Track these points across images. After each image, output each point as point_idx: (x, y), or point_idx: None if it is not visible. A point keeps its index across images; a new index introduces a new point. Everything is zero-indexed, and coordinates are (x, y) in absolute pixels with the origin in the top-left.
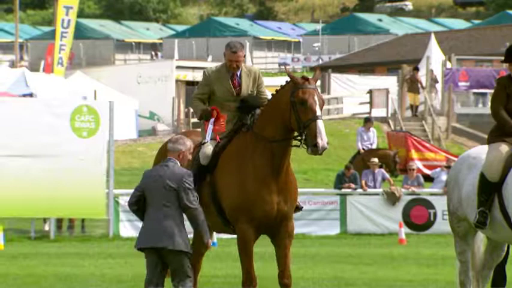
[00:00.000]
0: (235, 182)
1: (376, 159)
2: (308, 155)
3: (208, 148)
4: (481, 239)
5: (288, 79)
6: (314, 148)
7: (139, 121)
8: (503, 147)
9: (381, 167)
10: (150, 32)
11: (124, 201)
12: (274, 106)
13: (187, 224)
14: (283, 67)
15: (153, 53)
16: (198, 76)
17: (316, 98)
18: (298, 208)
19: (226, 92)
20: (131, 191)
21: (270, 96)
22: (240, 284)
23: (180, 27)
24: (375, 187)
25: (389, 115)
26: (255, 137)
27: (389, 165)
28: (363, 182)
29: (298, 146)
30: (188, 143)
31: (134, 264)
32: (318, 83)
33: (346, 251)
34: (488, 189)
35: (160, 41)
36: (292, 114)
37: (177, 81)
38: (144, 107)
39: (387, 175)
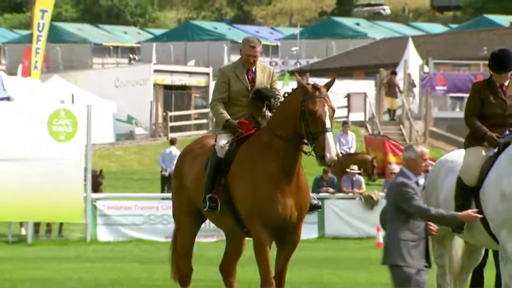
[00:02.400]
0: (249, 184)
1: (355, 167)
2: None
3: (224, 142)
4: (458, 243)
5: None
6: (322, 160)
7: (117, 125)
8: (480, 152)
9: (359, 172)
10: (128, 36)
11: (101, 205)
12: (285, 110)
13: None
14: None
15: (131, 56)
16: (176, 80)
17: (326, 108)
18: (316, 206)
19: (242, 86)
20: (109, 194)
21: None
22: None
23: (158, 31)
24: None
25: (367, 119)
26: (270, 132)
27: (368, 169)
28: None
29: (307, 154)
30: (418, 150)
31: (111, 268)
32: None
33: (324, 255)
34: (466, 193)
35: (138, 45)
36: (302, 123)
37: (155, 85)
38: (122, 111)
39: (363, 184)
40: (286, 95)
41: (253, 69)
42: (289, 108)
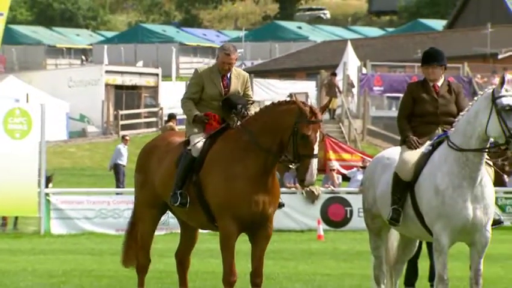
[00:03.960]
0: (222, 180)
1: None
2: None
3: (199, 142)
4: (394, 235)
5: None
6: (301, 182)
7: (70, 123)
8: (416, 149)
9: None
10: (80, 38)
11: (55, 199)
12: (274, 122)
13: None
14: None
15: (83, 57)
16: (126, 80)
17: (318, 135)
18: (280, 205)
19: (216, 91)
20: (62, 190)
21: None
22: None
23: (109, 34)
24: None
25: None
26: (246, 143)
27: None
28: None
29: (289, 164)
30: None
31: (64, 260)
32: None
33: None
34: (402, 188)
35: (90, 47)
36: (291, 141)
37: (106, 85)
38: (74, 110)
39: None
40: (276, 103)
41: (228, 76)
42: (281, 123)
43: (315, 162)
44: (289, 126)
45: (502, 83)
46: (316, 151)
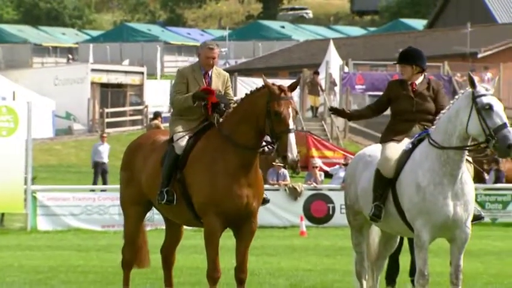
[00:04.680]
0: (205, 177)
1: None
2: None
3: (183, 139)
4: (375, 232)
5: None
6: (284, 160)
7: (56, 121)
8: (397, 146)
9: (284, 166)
10: (66, 37)
11: (41, 196)
12: (249, 109)
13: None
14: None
15: (69, 56)
16: (112, 78)
17: (290, 110)
18: (265, 200)
19: (199, 89)
20: (49, 186)
21: (236, 98)
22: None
23: (95, 33)
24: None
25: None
26: (225, 139)
27: None
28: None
29: (270, 154)
30: None
31: (51, 256)
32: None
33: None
34: (383, 184)
35: (76, 46)
36: (267, 123)
37: (92, 83)
38: (60, 108)
39: (288, 177)
40: (249, 93)
41: (210, 74)
42: (255, 109)
43: (292, 137)
44: (263, 108)
45: (472, 82)
46: (291, 126)
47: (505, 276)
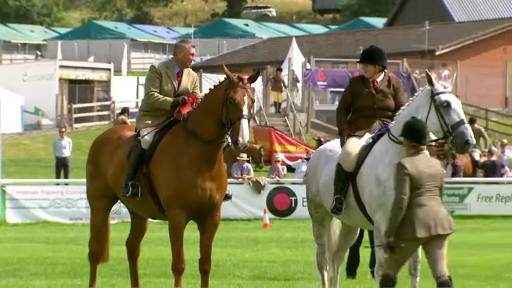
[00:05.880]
0: (170, 171)
1: (244, 155)
2: None
3: (149, 134)
4: (336, 224)
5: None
6: (235, 145)
7: (25, 116)
8: (357, 141)
9: (248, 160)
10: (34, 34)
11: (10, 190)
12: (211, 100)
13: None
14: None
15: (37, 53)
16: (80, 75)
17: (245, 98)
18: (228, 196)
19: (171, 87)
20: (18, 180)
21: (201, 95)
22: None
23: (63, 30)
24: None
25: (255, 111)
26: (189, 134)
27: (256, 157)
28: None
29: (228, 145)
30: None
31: (20, 248)
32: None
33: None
34: (344, 178)
35: (45, 43)
36: (223, 110)
37: (60, 79)
38: (29, 103)
39: (252, 171)
40: (212, 87)
41: (181, 73)
42: (215, 99)
43: (245, 124)
44: (221, 96)
45: (430, 80)
46: (245, 112)
47: (461, 266)
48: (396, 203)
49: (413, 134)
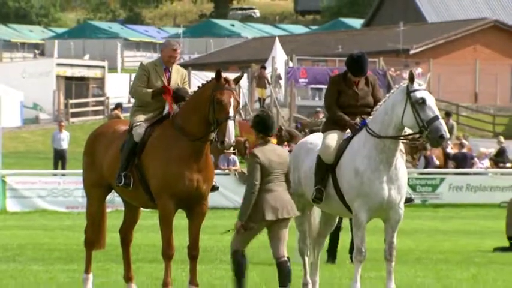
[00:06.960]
0: (160, 163)
1: (231, 148)
2: None
3: (141, 128)
4: (317, 212)
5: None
6: (221, 144)
7: (24, 111)
8: (337, 135)
9: (234, 152)
10: (33, 34)
11: (10, 180)
12: (198, 99)
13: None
14: None
15: (36, 51)
16: (76, 72)
17: (232, 99)
18: (215, 188)
19: (160, 83)
20: (17, 171)
21: (191, 91)
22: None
23: (60, 30)
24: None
25: (240, 107)
26: (177, 130)
27: (241, 150)
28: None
29: (215, 141)
30: None
31: (19, 235)
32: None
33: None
34: (324, 169)
35: (43, 42)
36: (210, 110)
37: (57, 76)
38: (28, 99)
39: (237, 162)
40: (200, 86)
41: (170, 70)
42: (202, 99)
43: (231, 125)
44: (208, 97)
45: (412, 78)
46: (231, 114)
47: (434, 252)
48: (249, 188)
49: (262, 127)
